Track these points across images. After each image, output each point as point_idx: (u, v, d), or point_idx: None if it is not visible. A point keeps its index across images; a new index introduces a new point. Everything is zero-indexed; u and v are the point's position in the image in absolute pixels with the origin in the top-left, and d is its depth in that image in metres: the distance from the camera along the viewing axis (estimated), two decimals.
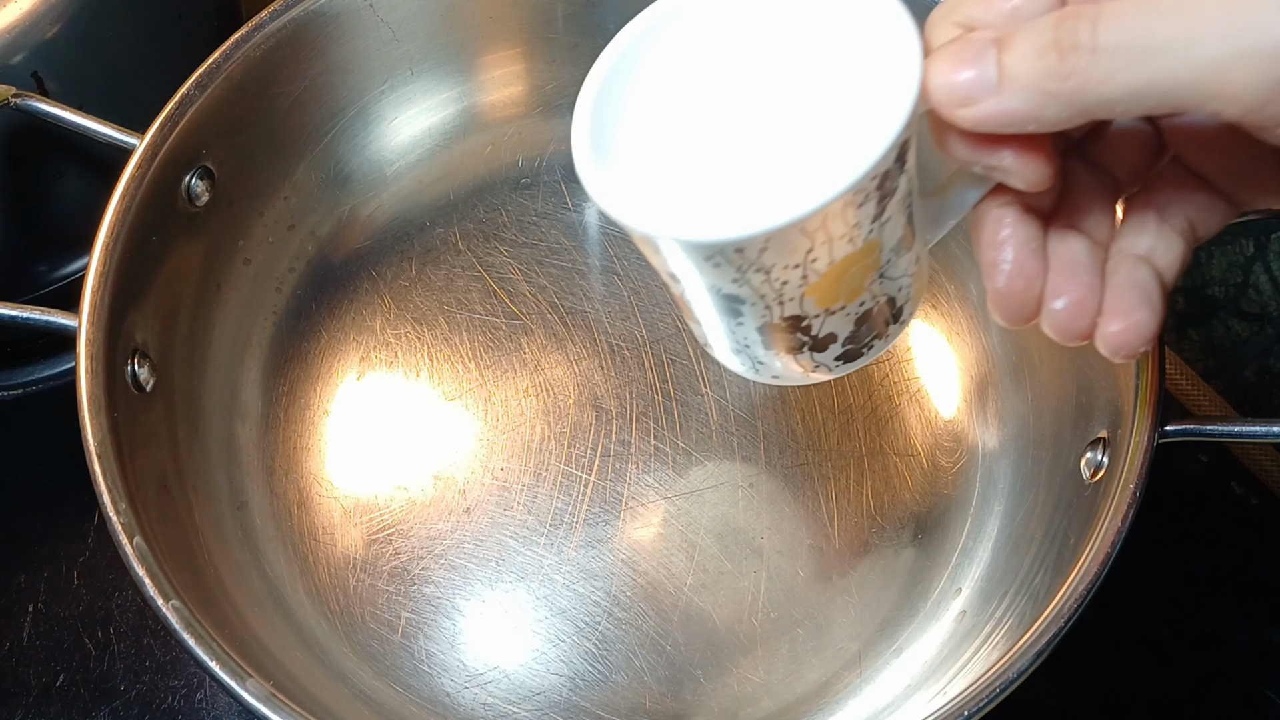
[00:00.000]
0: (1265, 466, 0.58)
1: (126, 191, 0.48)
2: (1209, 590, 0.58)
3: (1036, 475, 0.52)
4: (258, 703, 0.40)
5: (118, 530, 0.42)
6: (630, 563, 0.53)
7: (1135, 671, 0.56)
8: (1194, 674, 0.56)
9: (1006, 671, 0.41)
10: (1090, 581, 0.42)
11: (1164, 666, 0.56)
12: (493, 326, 0.57)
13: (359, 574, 0.53)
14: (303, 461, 0.55)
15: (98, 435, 0.44)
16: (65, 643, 0.56)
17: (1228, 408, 0.59)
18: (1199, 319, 0.64)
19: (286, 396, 0.57)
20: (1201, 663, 0.56)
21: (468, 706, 0.51)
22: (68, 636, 0.56)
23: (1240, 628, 0.57)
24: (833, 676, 0.52)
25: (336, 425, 0.56)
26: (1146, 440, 0.43)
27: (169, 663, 0.55)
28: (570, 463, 0.55)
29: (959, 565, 0.53)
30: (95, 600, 0.56)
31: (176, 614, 0.41)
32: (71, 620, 0.56)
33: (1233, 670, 0.56)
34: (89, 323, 0.46)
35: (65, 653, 0.55)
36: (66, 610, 0.56)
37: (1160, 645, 0.57)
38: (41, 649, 0.55)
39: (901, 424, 0.56)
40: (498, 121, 0.62)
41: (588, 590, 0.53)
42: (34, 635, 0.56)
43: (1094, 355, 0.49)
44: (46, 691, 0.55)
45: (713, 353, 0.39)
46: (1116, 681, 0.55)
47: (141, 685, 0.55)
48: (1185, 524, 0.58)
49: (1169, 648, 0.57)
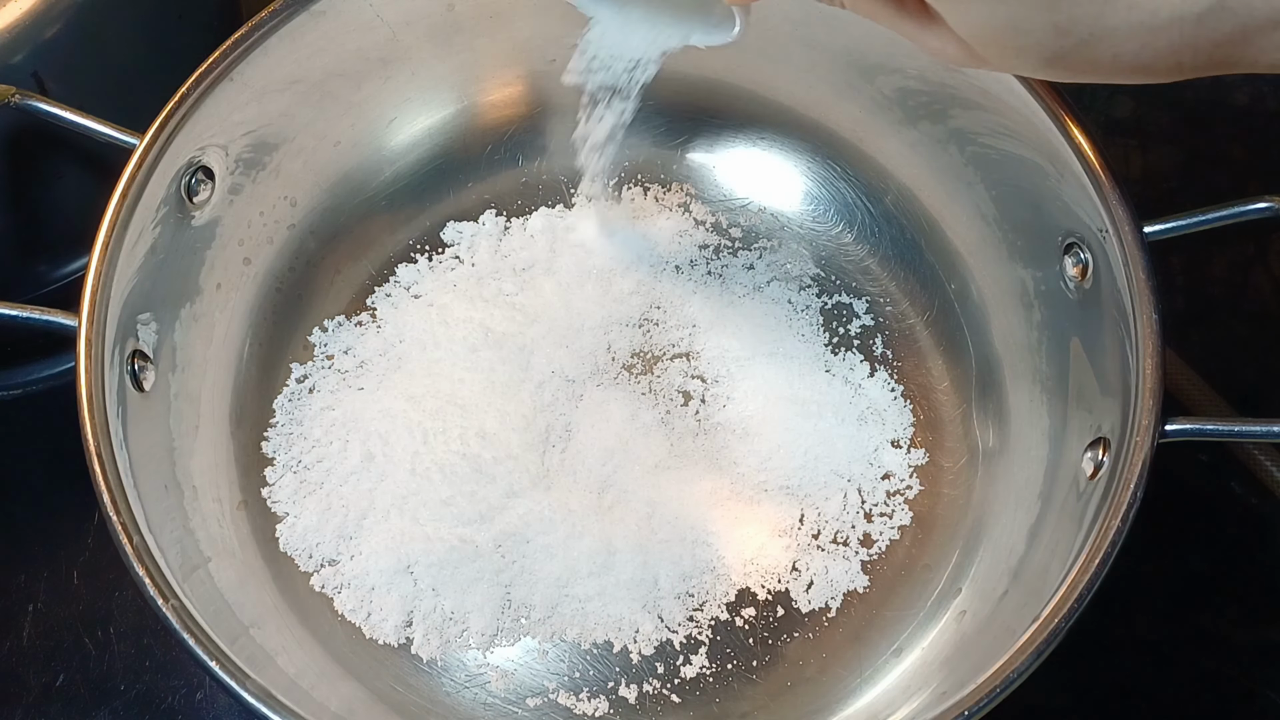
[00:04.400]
0: (1265, 466, 0.58)
1: (126, 191, 0.48)
2: (1209, 590, 0.58)
3: (1036, 476, 0.52)
4: (258, 703, 0.40)
5: (118, 530, 0.42)
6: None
7: (1135, 671, 0.56)
8: (1194, 674, 0.56)
9: (1007, 670, 0.41)
10: (1090, 580, 0.42)
11: (1164, 666, 0.56)
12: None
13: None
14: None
15: (98, 435, 0.44)
16: (65, 643, 0.55)
17: (1228, 408, 0.59)
18: (1199, 319, 0.64)
19: (286, 396, 0.57)
20: (1201, 663, 0.56)
21: (468, 706, 0.51)
22: (68, 636, 0.56)
23: (1240, 628, 0.57)
24: (832, 678, 0.52)
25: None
26: (1147, 440, 0.43)
27: (169, 663, 0.55)
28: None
29: (959, 565, 0.53)
30: (95, 600, 0.56)
31: (176, 614, 0.41)
32: (71, 620, 0.56)
33: (1233, 670, 0.56)
34: (88, 322, 0.46)
35: (65, 653, 0.55)
36: (66, 610, 0.56)
37: (1160, 645, 0.56)
38: (41, 649, 0.55)
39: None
40: (497, 121, 0.62)
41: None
42: (34, 635, 0.56)
43: (1097, 356, 0.49)
44: (46, 691, 0.54)
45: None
46: (1116, 681, 0.55)
47: (141, 685, 0.55)
48: (1185, 524, 0.58)
49: (1169, 648, 0.56)
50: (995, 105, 0.52)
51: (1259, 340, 0.64)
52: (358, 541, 0.53)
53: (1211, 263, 0.65)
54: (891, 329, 0.59)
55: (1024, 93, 0.50)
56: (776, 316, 0.59)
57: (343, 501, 0.53)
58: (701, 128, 0.62)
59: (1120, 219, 0.47)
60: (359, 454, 0.54)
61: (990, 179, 0.55)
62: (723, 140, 0.62)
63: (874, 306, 0.59)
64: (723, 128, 0.62)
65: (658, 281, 0.60)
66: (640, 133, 0.61)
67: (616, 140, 0.54)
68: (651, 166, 0.62)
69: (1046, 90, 0.49)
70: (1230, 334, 0.64)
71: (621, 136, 0.54)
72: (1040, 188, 0.52)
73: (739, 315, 0.58)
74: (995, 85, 0.51)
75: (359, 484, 0.54)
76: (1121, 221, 0.47)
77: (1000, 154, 0.54)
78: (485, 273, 0.59)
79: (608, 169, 0.56)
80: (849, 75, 0.58)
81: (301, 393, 0.57)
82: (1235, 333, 0.64)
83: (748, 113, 0.62)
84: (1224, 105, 0.69)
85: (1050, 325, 0.53)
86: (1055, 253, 0.52)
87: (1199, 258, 0.65)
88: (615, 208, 0.61)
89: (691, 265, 0.60)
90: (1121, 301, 0.47)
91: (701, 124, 0.62)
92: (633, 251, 0.59)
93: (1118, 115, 0.47)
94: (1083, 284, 0.50)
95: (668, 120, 0.62)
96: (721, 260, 0.60)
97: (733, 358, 0.57)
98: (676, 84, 0.59)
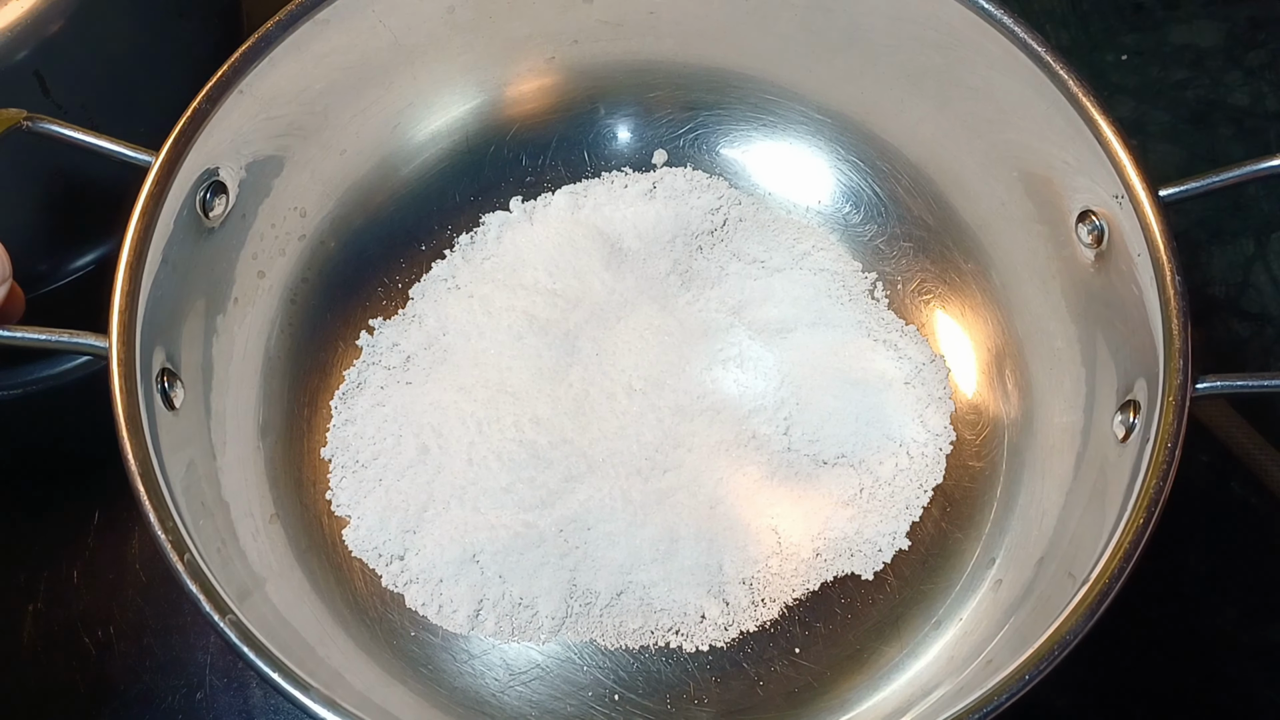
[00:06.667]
0: (1265, 466, 0.59)
1: (145, 210, 0.48)
2: (1209, 590, 0.58)
3: (1064, 443, 0.52)
4: (325, 710, 0.40)
5: (167, 549, 0.42)
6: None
7: (1135, 671, 0.56)
8: (1194, 674, 0.56)
9: (1063, 631, 0.41)
10: (1135, 539, 0.43)
11: (1164, 666, 0.56)
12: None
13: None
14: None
15: (138, 455, 0.43)
16: (65, 643, 0.55)
17: (1228, 407, 0.60)
18: (1199, 319, 0.64)
19: (309, 408, 0.57)
20: (1201, 663, 0.57)
21: (514, 706, 0.51)
22: (68, 636, 0.55)
23: (1240, 628, 0.58)
24: (874, 653, 0.52)
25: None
26: (1181, 397, 0.44)
27: (169, 663, 0.55)
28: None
29: (991, 535, 0.54)
30: (95, 600, 0.56)
31: (235, 628, 0.41)
32: (71, 620, 0.56)
33: (1233, 670, 0.56)
34: (120, 343, 0.45)
35: (65, 653, 0.55)
36: (66, 610, 0.56)
37: (1160, 645, 0.57)
38: (41, 649, 0.55)
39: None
40: (501, 122, 0.62)
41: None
42: (34, 635, 0.55)
43: (1118, 321, 0.50)
44: (46, 691, 0.54)
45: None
46: (1116, 681, 0.56)
47: (141, 685, 0.55)
48: (1185, 524, 0.58)
49: (1169, 648, 0.57)
50: (1003, 79, 0.53)
51: (1259, 340, 0.65)
52: (420, 536, 0.53)
53: (1211, 263, 0.66)
54: (907, 305, 0.59)
55: (1031, 65, 0.51)
56: (816, 287, 0.59)
57: (402, 496, 0.53)
58: (708, 114, 0.63)
59: (1134, 184, 0.48)
60: (414, 447, 0.54)
61: (1000, 152, 0.55)
62: (734, 126, 0.63)
63: (887, 283, 0.60)
64: (726, 116, 0.63)
65: (693, 260, 0.60)
66: (654, 122, 0.62)
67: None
68: (676, 152, 0.63)
69: (1056, 58, 0.50)
70: (1230, 334, 0.65)
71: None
72: (1052, 158, 0.52)
73: (779, 287, 0.59)
74: (1003, 57, 0.52)
75: (416, 477, 0.54)
76: (1136, 186, 0.48)
77: (1009, 126, 0.54)
78: (520, 261, 0.59)
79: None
80: (850, 58, 0.58)
81: (350, 391, 0.57)
82: (1235, 333, 0.65)
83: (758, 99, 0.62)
84: (1224, 105, 0.70)
85: (1068, 294, 0.54)
86: (1070, 222, 0.52)
87: (1199, 257, 0.66)
88: (645, 189, 0.61)
89: (725, 242, 0.60)
90: (1137, 267, 0.48)
91: (707, 111, 0.63)
92: (666, 231, 0.59)
93: (1118, 115, 0.48)
94: (1099, 250, 0.51)
95: (679, 108, 0.63)
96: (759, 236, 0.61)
97: (775, 329, 0.58)
98: (681, 72, 0.60)
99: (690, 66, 0.60)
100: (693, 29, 0.60)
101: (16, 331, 0.46)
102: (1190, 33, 0.73)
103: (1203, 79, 0.71)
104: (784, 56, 0.60)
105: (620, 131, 0.62)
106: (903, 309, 0.59)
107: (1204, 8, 0.73)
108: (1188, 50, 0.72)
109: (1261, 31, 0.72)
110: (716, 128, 0.63)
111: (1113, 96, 0.70)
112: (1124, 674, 0.56)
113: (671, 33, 0.60)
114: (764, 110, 0.62)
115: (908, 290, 0.60)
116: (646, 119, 0.62)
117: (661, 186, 0.61)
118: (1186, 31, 0.73)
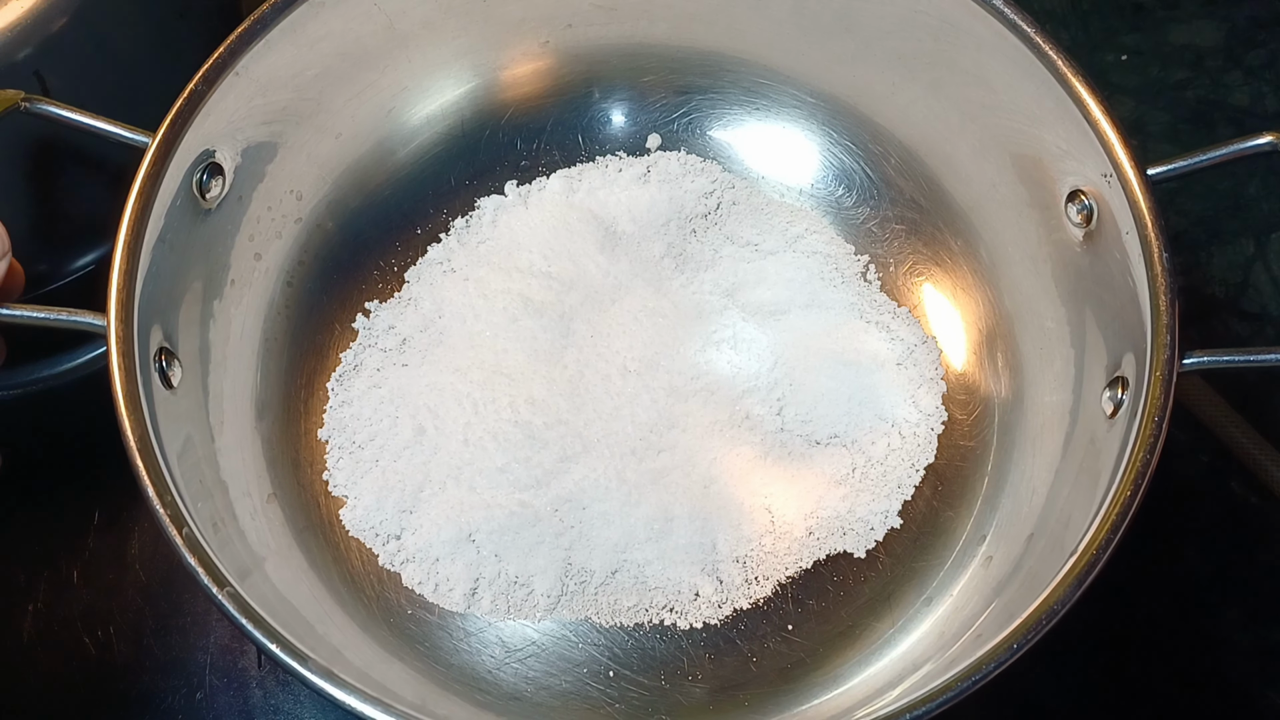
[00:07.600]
0: (1265, 466, 0.59)
1: (142, 190, 0.48)
2: (1209, 590, 0.58)
3: (1053, 421, 0.53)
4: (322, 680, 0.40)
5: (166, 523, 0.42)
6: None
7: (1135, 671, 0.56)
8: (1194, 674, 0.57)
9: (1050, 601, 0.42)
10: (1121, 512, 0.43)
11: (1164, 666, 0.57)
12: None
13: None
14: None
15: (137, 432, 0.44)
16: (65, 643, 0.55)
17: (1228, 407, 0.60)
18: (1199, 319, 0.65)
19: (305, 389, 0.57)
20: (1201, 663, 0.57)
21: (510, 682, 0.52)
22: (68, 636, 0.55)
23: (1240, 628, 0.58)
24: (865, 629, 0.53)
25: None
26: (1167, 371, 0.44)
27: (169, 663, 0.55)
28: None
29: (982, 513, 0.54)
30: (95, 600, 0.56)
31: (233, 600, 0.41)
32: (71, 620, 0.56)
33: (1233, 670, 0.57)
34: (118, 321, 0.45)
35: (65, 653, 0.55)
36: (66, 610, 0.56)
37: (1160, 645, 0.57)
38: (41, 649, 0.55)
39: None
40: (496, 106, 0.62)
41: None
42: (34, 635, 0.55)
43: (1107, 299, 0.50)
44: (46, 691, 0.54)
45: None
46: (1116, 681, 0.56)
47: (141, 685, 0.55)
48: (1185, 524, 0.59)
49: (1169, 648, 0.57)
50: (993, 61, 0.53)
51: (1259, 340, 0.65)
52: (417, 515, 0.53)
53: (1211, 263, 0.66)
54: (899, 287, 0.60)
55: (1021, 46, 0.51)
56: (809, 270, 0.59)
57: (398, 477, 0.54)
58: (701, 98, 0.63)
59: (1122, 162, 0.48)
60: (410, 428, 0.54)
61: (991, 134, 0.56)
62: (727, 110, 0.63)
63: (880, 265, 0.60)
64: (719, 99, 0.63)
65: (687, 243, 0.60)
66: (648, 106, 0.62)
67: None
68: (670, 135, 0.63)
69: (1045, 39, 0.50)
70: (1230, 334, 0.65)
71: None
72: (1041, 138, 0.53)
73: (772, 270, 0.59)
74: (993, 40, 0.52)
75: (413, 458, 0.54)
76: (1124, 164, 0.48)
77: (1000, 108, 0.55)
78: (515, 244, 0.60)
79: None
80: (843, 41, 0.59)
81: (347, 373, 0.57)
82: (1235, 333, 0.65)
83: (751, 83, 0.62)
84: (1224, 105, 0.70)
85: (1058, 273, 0.54)
86: (1060, 202, 0.53)
87: (1199, 257, 0.66)
88: (639, 173, 0.62)
89: (718, 225, 0.61)
90: (1126, 244, 0.48)
91: (701, 94, 0.63)
92: (661, 215, 0.60)
93: (1118, 115, 0.48)
94: (1089, 229, 0.51)
95: (672, 92, 0.63)
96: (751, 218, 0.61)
97: (768, 311, 0.58)
98: (674, 56, 0.60)
99: (684, 50, 0.61)
100: (686, 12, 0.60)
101: (16, 310, 0.46)
102: (1190, 33, 0.73)
103: (1203, 79, 0.71)
104: (777, 40, 0.60)
105: (614, 115, 0.63)
106: (895, 291, 0.60)
107: (1204, 8, 0.74)
108: (1188, 50, 0.73)
109: (1261, 31, 0.73)
110: (710, 111, 0.63)
111: (1113, 96, 0.71)
112: (1123, 674, 0.56)
113: (665, 16, 0.60)
114: (757, 94, 0.62)
115: (900, 272, 0.60)
116: (640, 103, 0.63)
117: (655, 170, 0.62)
118: (1186, 31, 0.73)
